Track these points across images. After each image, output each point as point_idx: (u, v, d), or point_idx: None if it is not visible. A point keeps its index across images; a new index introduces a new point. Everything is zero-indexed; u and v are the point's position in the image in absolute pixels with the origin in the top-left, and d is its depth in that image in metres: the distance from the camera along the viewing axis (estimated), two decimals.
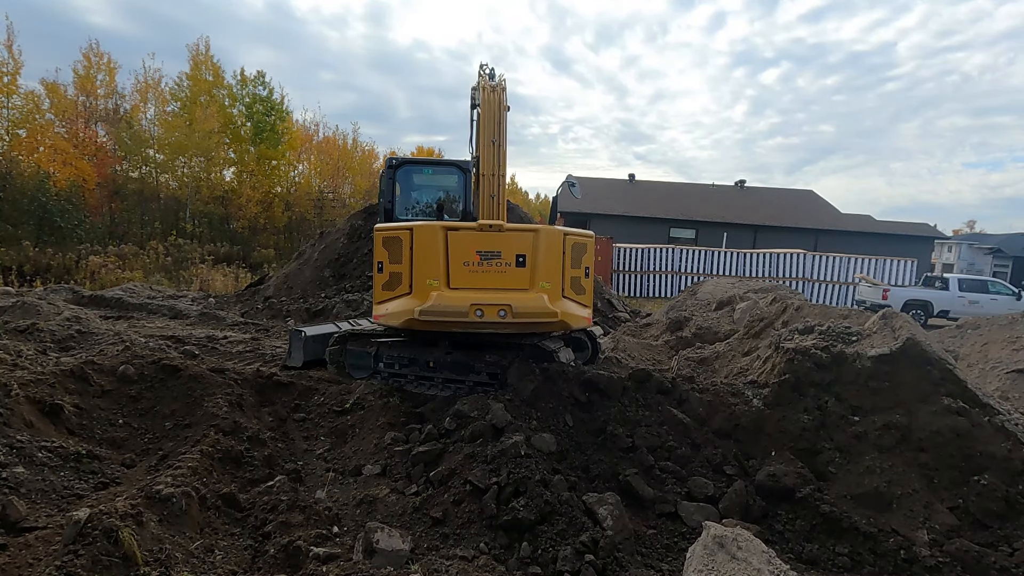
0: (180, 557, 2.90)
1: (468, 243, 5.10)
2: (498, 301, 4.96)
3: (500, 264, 5.11)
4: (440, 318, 4.91)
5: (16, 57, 21.15)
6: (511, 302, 4.97)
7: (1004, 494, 3.78)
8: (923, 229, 31.22)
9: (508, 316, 4.95)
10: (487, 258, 5.11)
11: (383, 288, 5.26)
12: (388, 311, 5.17)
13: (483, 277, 5.10)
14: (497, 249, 5.12)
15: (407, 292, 5.14)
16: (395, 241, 5.16)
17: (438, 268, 5.04)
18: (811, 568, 3.53)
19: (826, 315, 6.65)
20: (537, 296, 5.10)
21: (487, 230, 5.14)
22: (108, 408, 4.72)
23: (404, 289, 5.17)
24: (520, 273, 5.14)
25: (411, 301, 5.03)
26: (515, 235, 5.19)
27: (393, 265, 5.18)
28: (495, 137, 6.90)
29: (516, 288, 5.12)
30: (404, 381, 6.15)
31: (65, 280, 15.71)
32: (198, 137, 25.34)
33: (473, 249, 5.10)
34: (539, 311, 5.04)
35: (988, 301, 16.26)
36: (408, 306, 5.00)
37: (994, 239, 38.38)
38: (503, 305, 4.96)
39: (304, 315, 11.13)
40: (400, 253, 5.14)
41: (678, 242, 26.45)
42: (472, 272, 5.09)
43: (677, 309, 11.83)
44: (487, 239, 5.12)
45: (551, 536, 3.37)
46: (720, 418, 4.71)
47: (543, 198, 66.16)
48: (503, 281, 5.12)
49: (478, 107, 8.52)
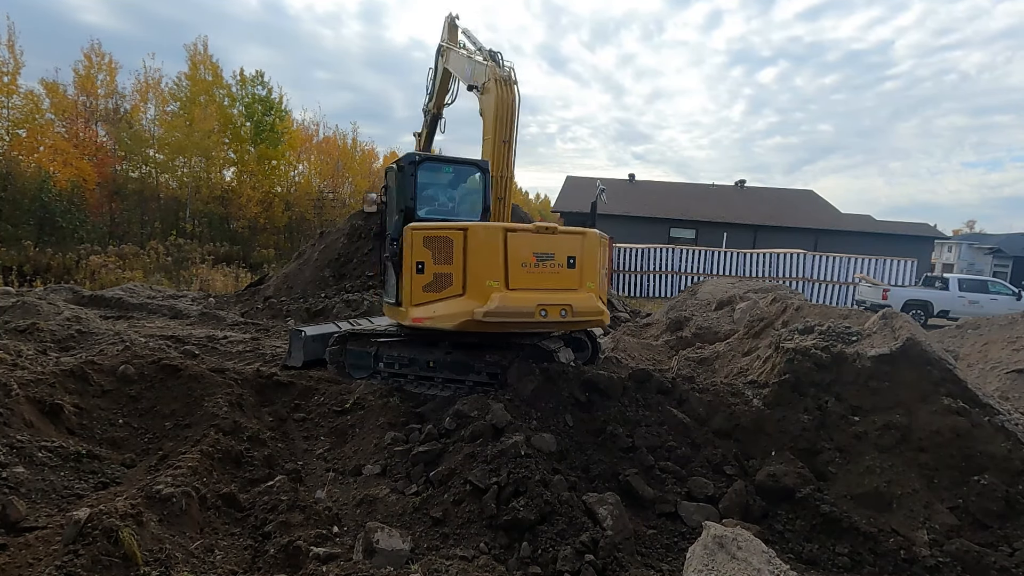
0: (180, 557, 2.90)
1: (526, 244, 5.18)
2: (560, 301, 5.16)
3: (554, 265, 5.26)
4: (505, 319, 4.97)
5: (17, 57, 21.17)
6: (571, 302, 5.20)
7: (1004, 494, 3.78)
8: (923, 229, 31.21)
9: (568, 315, 5.17)
10: (542, 259, 5.22)
11: (424, 289, 5.15)
12: (437, 313, 5.07)
13: (539, 278, 5.19)
14: (551, 251, 5.26)
15: (459, 293, 5.07)
16: (443, 241, 5.08)
17: (497, 269, 5.03)
18: (811, 568, 3.53)
19: (826, 315, 6.64)
20: (588, 296, 5.37)
21: (543, 232, 5.29)
22: (108, 408, 4.72)
23: (455, 291, 5.09)
24: (571, 274, 5.32)
25: (467, 303, 4.99)
26: (566, 237, 5.37)
27: (439, 266, 5.09)
28: (506, 136, 6.83)
29: (568, 288, 5.30)
30: (404, 381, 6.16)
31: (65, 280, 15.70)
32: (198, 137, 25.32)
33: (530, 251, 5.19)
34: (593, 310, 5.35)
35: (988, 301, 16.24)
36: (464, 307, 4.96)
37: (994, 239, 38.37)
38: (564, 305, 5.17)
39: (304, 315, 11.13)
40: (450, 254, 5.06)
41: (678, 242, 26.44)
42: (529, 273, 5.16)
43: (677, 309, 11.83)
44: (543, 241, 5.26)
45: (551, 536, 3.38)
46: (720, 418, 4.70)
47: (543, 198, 66.24)
48: (557, 281, 5.27)
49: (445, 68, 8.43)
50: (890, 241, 27.74)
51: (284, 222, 30.35)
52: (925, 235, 30.43)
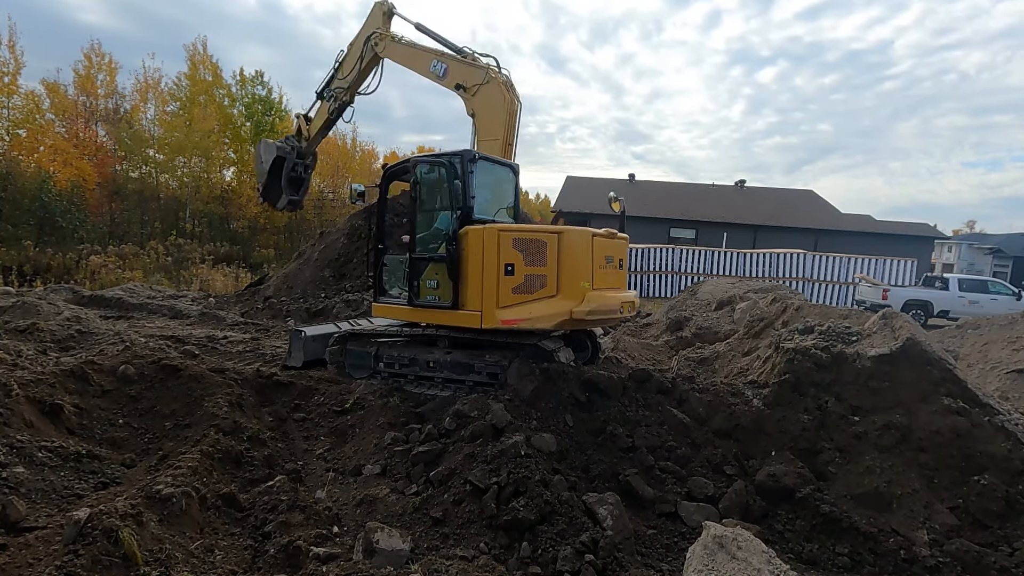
0: (180, 557, 2.90)
1: (601, 248, 5.72)
2: (627, 299, 6.02)
3: (614, 267, 5.96)
4: (599, 316, 5.56)
5: (18, 57, 21.18)
6: (631, 299, 6.10)
7: (1004, 494, 3.77)
8: (923, 229, 31.21)
9: (629, 311, 6.15)
10: (608, 262, 5.85)
11: (514, 291, 5.22)
12: (534, 314, 5.21)
13: (607, 278, 5.81)
14: (612, 254, 5.93)
15: (553, 294, 5.33)
16: (536, 244, 5.26)
17: (587, 271, 5.52)
18: (811, 568, 3.53)
19: (826, 315, 6.64)
20: (634, 293, 6.46)
21: (610, 237, 5.89)
22: (108, 408, 4.72)
23: (549, 291, 5.32)
24: (621, 275, 6.15)
25: (562, 302, 5.33)
26: (620, 243, 6.12)
27: (531, 267, 5.25)
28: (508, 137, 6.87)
29: (621, 287, 6.13)
30: (404, 381, 6.15)
31: (65, 280, 15.70)
32: (198, 137, 25.34)
33: (603, 254, 5.75)
34: (636, 306, 6.44)
35: (988, 301, 16.23)
36: (561, 308, 5.31)
37: (994, 239, 38.33)
38: (629, 302, 6.03)
39: (304, 315, 11.13)
40: (543, 256, 5.26)
41: (678, 242, 26.44)
42: (603, 274, 5.73)
43: (677, 309, 11.83)
44: (610, 245, 5.87)
45: (551, 536, 3.38)
46: (720, 418, 4.70)
47: (543, 198, 66.25)
48: (616, 281, 6.01)
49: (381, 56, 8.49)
50: (890, 241, 27.72)
51: (284, 222, 30.29)
52: (925, 235, 30.42)
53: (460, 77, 7.80)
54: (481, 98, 7.48)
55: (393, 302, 6.23)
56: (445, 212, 5.76)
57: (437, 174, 5.89)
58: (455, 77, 7.92)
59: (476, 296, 5.30)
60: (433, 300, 5.69)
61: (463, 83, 7.67)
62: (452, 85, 7.97)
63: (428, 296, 5.73)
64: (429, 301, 5.72)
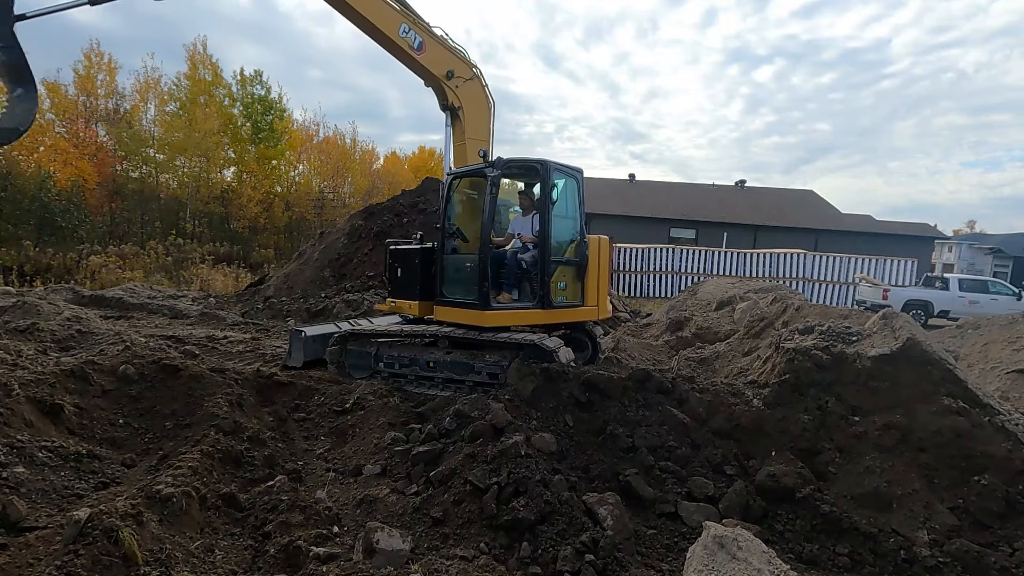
0: (180, 557, 2.90)
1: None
2: None
3: None
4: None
5: None
6: None
7: (1004, 494, 3.77)
8: (923, 229, 31.21)
9: None
10: None
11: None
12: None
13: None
14: None
15: None
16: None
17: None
18: (811, 568, 3.53)
19: (826, 315, 6.65)
20: None
21: None
22: (108, 408, 4.72)
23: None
24: None
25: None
26: None
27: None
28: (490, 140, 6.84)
29: None
30: (404, 381, 6.15)
31: (65, 280, 15.71)
32: (198, 137, 25.33)
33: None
34: None
35: (988, 301, 16.23)
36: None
37: (994, 239, 38.28)
38: None
39: (304, 315, 11.13)
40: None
41: (678, 242, 26.45)
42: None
43: (677, 309, 11.83)
44: None
45: (551, 536, 3.37)
46: (720, 418, 4.70)
47: None
48: None
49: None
50: (890, 241, 27.74)
51: (284, 222, 30.36)
52: (925, 235, 30.44)
53: (449, 64, 6.91)
54: (467, 92, 6.92)
55: (516, 306, 6.08)
56: (566, 219, 6.30)
57: (566, 183, 6.37)
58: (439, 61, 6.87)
59: (594, 293, 6.40)
60: (562, 301, 6.22)
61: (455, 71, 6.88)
62: (442, 72, 6.89)
63: (559, 297, 6.20)
64: (560, 302, 6.19)
